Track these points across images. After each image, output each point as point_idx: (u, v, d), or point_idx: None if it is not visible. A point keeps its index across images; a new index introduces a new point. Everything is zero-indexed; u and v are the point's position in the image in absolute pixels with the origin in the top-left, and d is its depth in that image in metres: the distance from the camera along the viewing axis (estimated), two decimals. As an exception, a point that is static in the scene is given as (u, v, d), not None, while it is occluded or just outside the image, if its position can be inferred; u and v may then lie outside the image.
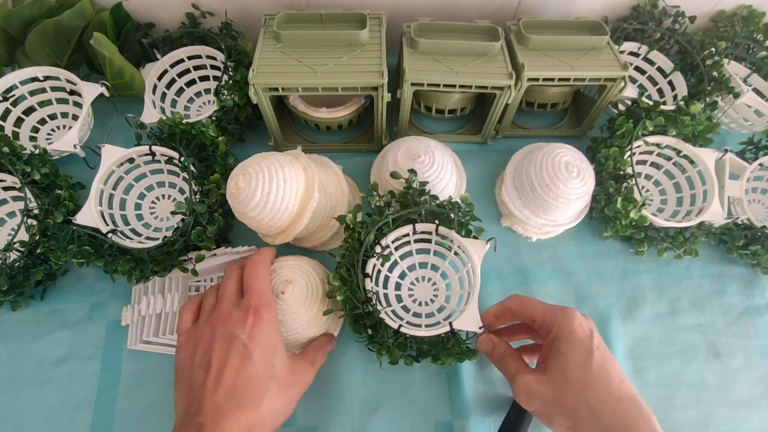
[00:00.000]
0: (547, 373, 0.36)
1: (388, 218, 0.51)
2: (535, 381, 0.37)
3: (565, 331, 0.36)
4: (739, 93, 0.62)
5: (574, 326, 0.36)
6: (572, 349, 0.35)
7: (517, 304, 0.41)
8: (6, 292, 0.53)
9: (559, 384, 0.35)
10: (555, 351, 0.36)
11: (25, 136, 0.66)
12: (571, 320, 0.36)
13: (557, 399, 0.35)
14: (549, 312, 0.38)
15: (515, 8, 0.70)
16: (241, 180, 0.48)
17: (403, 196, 0.53)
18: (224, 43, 0.65)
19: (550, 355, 0.37)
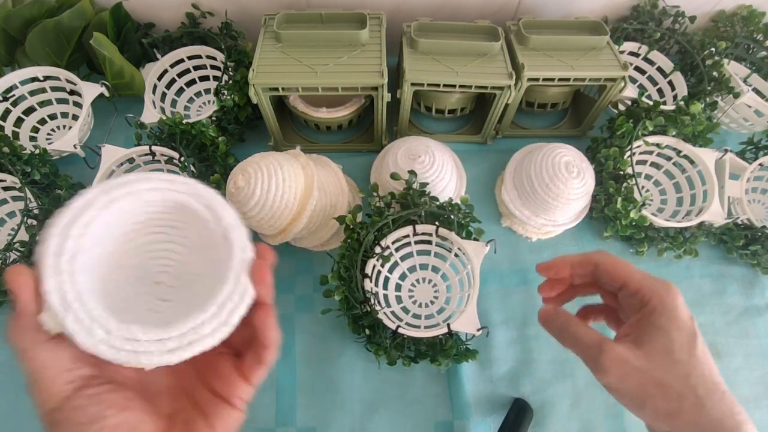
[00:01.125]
0: (644, 348, 0.31)
1: (388, 219, 0.51)
2: (631, 354, 0.31)
3: (668, 306, 0.31)
4: (739, 93, 0.62)
5: (678, 303, 0.31)
6: (677, 327, 0.30)
7: (609, 263, 0.34)
8: (6, 293, 0.53)
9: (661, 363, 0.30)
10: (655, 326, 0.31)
11: (25, 136, 0.66)
12: (675, 296, 0.32)
13: (659, 379, 0.30)
14: (648, 280, 0.32)
15: (515, 8, 0.70)
16: (240, 179, 0.48)
17: (403, 197, 0.53)
18: (224, 43, 0.65)
19: (647, 330, 0.31)
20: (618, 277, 0.34)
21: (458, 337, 0.51)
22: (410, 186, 0.54)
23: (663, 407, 0.30)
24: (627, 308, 0.34)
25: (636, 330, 0.32)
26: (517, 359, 0.55)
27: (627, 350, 0.31)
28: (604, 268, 0.35)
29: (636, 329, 0.32)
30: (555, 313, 0.36)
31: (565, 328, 0.35)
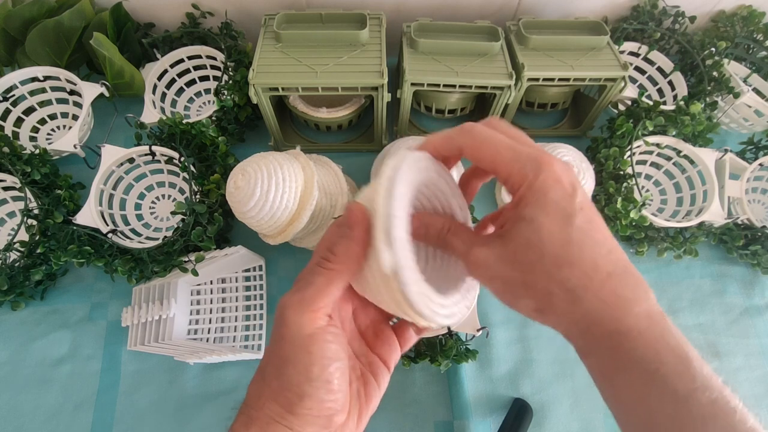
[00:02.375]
0: (509, 247, 0.26)
1: None
2: (492, 256, 0.26)
3: (535, 191, 0.25)
4: (739, 93, 0.62)
5: (549, 183, 0.25)
6: (545, 214, 0.24)
7: (473, 146, 0.27)
8: (6, 292, 0.53)
9: (526, 261, 0.25)
10: (520, 218, 0.25)
11: (25, 136, 0.66)
12: (544, 174, 0.25)
13: (523, 280, 0.25)
14: (516, 162, 0.25)
15: (515, 8, 0.70)
16: (240, 179, 0.48)
17: None
18: (224, 43, 0.65)
19: (513, 224, 0.26)
20: (486, 163, 0.27)
21: (458, 338, 0.51)
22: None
23: (533, 305, 0.26)
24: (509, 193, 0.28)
25: (506, 224, 0.27)
26: (517, 359, 0.55)
27: (488, 252, 0.26)
28: (470, 154, 0.27)
29: (506, 223, 0.27)
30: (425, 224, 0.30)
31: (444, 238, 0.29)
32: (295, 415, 0.24)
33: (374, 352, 0.29)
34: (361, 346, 0.30)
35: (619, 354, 0.25)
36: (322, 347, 0.25)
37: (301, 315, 0.25)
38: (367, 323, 0.30)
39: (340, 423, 0.26)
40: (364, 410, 0.28)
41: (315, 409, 0.24)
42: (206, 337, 0.55)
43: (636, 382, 0.24)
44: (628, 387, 0.25)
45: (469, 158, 0.27)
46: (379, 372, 0.29)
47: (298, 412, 0.24)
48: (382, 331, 0.30)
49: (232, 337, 0.55)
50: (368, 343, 0.30)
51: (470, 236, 0.28)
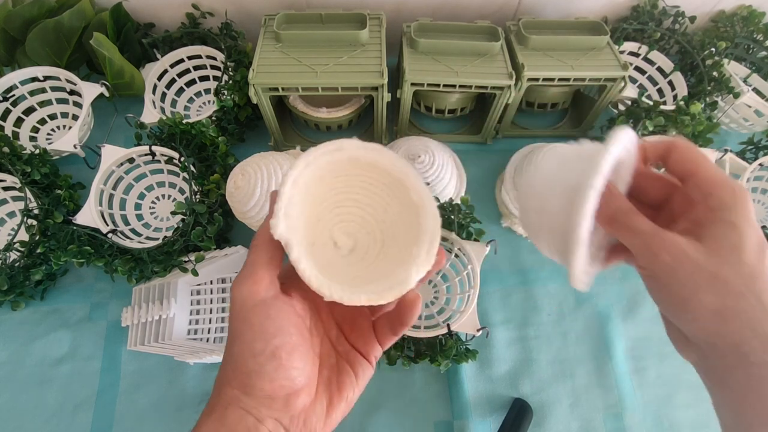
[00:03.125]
0: (708, 242, 0.26)
1: None
2: (687, 244, 0.26)
3: (741, 203, 0.26)
4: (739, 93, 0.62)
5: (751, 206, 0.27)
6: (749, 227, 0.26)
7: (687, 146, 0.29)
8: (6, 292, 0.53)
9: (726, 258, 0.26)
10: (724, 221, 0.26)
11: (25, 136, 0.66)
12: (748, 197, 0.27)
13: (718, 273, 0.25)
14: (722, 174, 0.28)
15: (515, 8, 0.70)
16: (240, 179, 0.48)
17: None
18: (224, 43, 0.65)
19: (714, 224, 0.27)
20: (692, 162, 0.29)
21: (458, 338, 0.51)
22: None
23: (714, 304, 0.25)
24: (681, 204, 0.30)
25: (698, 225, 0.27)
26: (517, 359, 0.55)
27: (685, 240, 0.26)
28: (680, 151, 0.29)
29: (698, 225, 0.27)
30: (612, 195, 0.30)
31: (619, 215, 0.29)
32: (249, 396, 0.24)
33: (350, 342, 0.30)
34: (338, 335, 0.30)
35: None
36: (264, 321, 0.25)
37: (242, 289, 0.25)
38: (345, 314, 0.30)
39: (303, 407, 0.25)
40: (335, 399, 0.28)
41: (267, 389, 0.24)
42: (206, 337, 0.55)
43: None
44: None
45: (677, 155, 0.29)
46: (357, 363, 0.29)
47: (251, 392, 0.24)
48: (359, 324, 0.30)
49: (232, 337, 0.55)
50: (344, 334, 0.30)
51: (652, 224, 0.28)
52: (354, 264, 0.29)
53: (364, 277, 0.28)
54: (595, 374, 0.55)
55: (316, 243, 0.29)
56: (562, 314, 0.58)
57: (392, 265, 0.28)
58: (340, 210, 0.30)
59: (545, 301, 0.58)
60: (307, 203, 0.27)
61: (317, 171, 0.27)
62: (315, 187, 0.28)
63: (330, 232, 0.30)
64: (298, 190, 0.26)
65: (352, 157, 0.28)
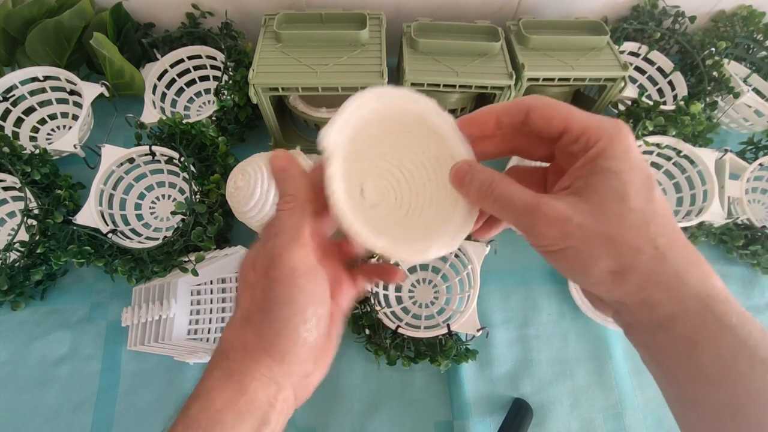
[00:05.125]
0: (592, 199, 0.24)
1: None
2: (571, 208, 0.24)
3: (620, 145, 0.24)
4: (739, 93, 0.62)
5: (631, 142, 0.25)
6: (631, 169, 0.24)
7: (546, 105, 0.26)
8: (6, 292, 0.53)
9: (613, 213, 0.24)
10: (604, 169, 0.24)
11: (25, 136, 0.66)
12: (627, 134, 0.25)
13: (609, 234, 0.23)
14: (594, 119, 0.25)
15: (515, 8, 0.70)
16: (240, 179, 0.48)
17: None
18: (224, 43, 0.65)
19: (594, 176, 0.24)
20: (558, 119, 0.26)
21: (458, 338, 0.51)
22: None
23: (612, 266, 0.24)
24: (566, 159, 0.27)
25: (580, 179, 0.25)
26: (517, 359, 0.55)
27: (567, 205, 0.24)
28: (539, 113, 0.27)
29: (579, 178, 0.25)
30: (473, 169, 0.27)
31: (488, 186, 0.26)
32: (282, 363, 0.24)
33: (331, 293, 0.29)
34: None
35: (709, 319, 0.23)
36: (315, 287, 0.24)
37: (294, 254, 0.24)
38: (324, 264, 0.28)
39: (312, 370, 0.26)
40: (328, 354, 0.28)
41: (303, 354, 0.24)
42: (206, 337, 0.55)
43: (724, 351, 0.22)
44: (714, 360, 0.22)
45: (537, 118, 0.26)
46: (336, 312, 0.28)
47: (288, 359, 0.24)
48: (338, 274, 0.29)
49: (232, 337, 0.55)
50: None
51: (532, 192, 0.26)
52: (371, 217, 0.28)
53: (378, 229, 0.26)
54: (595, 374, 0.55)
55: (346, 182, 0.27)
56: (562, 314, 0.58)
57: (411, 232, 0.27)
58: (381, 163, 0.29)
59: (545, 301, 0.58)
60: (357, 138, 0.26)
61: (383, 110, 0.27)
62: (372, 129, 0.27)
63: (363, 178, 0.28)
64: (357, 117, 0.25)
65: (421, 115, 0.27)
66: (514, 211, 0.25)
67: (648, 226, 0.23)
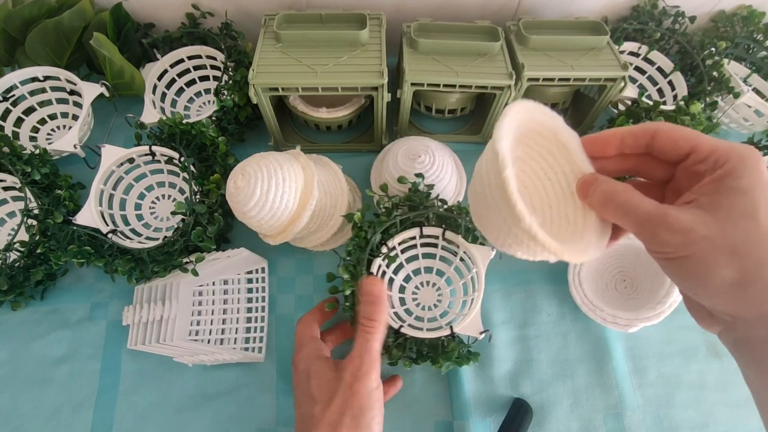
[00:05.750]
0: (718, 214, 0.25)
1: (396, 219, 0.51)
2: (697, 219, 0.25)
3: (750, 165, 0.25)
4: (739, 93, 0.62)
5: (762, 165, 0.25)
6: (762, 189, 0.24)
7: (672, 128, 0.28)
8: (6, 292, 0.53)
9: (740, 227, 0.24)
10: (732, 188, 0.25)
11: (25, 136, 0.66)
12: (757, 157, 0.25)
13: (734, 245, 0.24)
14: (722, 142, 0.26)
15: (515, 8, 0.70)
16: (240, 179, 0.48)
17: (409, 198, 0.54)
18: (224, 43, 0.65)
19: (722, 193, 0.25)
20: (685, 140, 0.27)
21: (460, 340, 0.51)
22: (416, 188, 0.53)
23: (733, 276, 0.24)
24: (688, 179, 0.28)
25: (705, 196, 0.26)
26: (517, 359, 0.55)
27: (693, 217, 0.25)
28: (667, 135, 0.28)
29: (705, 195, 0.26)
30: (597, 180, 0.29)
31: (612, 196, 0.28)
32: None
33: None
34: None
35: None
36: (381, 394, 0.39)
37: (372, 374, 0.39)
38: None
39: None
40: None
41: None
42: (207, 339, 0.55)
43: None
44: None
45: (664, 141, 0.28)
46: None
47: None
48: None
49: (233, 338, 0.55)
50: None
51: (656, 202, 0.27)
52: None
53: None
54: (595, 374, 0.55)
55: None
56: (562, 314, 0.58)
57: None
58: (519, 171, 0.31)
59: (545, 302, 0.58)
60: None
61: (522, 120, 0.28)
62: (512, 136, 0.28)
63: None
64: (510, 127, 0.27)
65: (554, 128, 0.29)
66: (638, 220, 0.27)
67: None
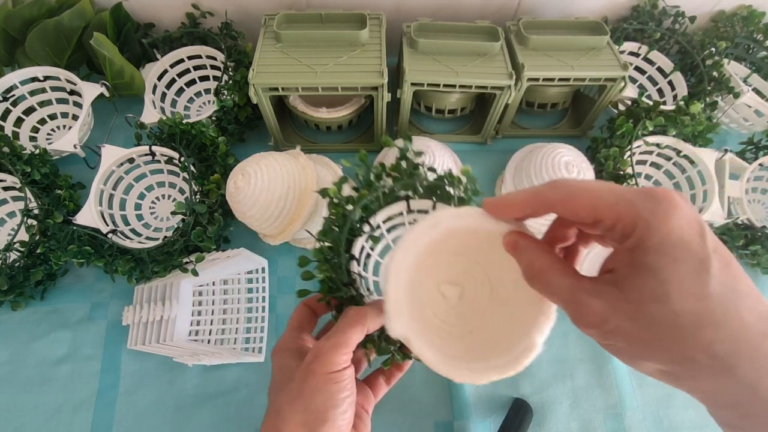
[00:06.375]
0: (630, 300, 0.21)
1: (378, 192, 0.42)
2: (609, 310, 0.21)
3: (657, 233, 0.20)
4: (739, 93, 0.62)
5: (672, 221, 0.20)
6: (673, 262, 0.20)
7: (565, 198, 0.23)
8: (6, 292, 0.53)
9: (654, 320, 0.20)
10: (641, 267, 0.21)
11: (25, 136, 0.66)
12: (666, 212, 0.20)
13: (648, 341, 0.21)
14: (625, 203, 0.21)
15: (515, 8, 0.70)
16: (240, 179, 0.48)
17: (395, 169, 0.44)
18: (224, 43, 0.65)
19: (632, 271, 0.21)
20: (585, 211, 0.23)
21: None
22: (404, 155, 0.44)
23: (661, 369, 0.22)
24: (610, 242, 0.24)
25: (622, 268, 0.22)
26: (517, 359, 0.55)
27: (606, 304, 0.22)
28: (563, 207, 0.24)
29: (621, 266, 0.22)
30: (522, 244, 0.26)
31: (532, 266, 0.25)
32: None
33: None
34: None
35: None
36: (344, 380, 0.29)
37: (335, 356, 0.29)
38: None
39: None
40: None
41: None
42: (207, 339, 0.55)
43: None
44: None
45: (562, 213, 0.24)
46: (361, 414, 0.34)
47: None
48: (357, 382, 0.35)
49: (233, 339, 0.55)
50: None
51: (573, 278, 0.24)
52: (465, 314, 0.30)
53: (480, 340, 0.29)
54: (595, 374, 0.55)
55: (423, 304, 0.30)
56: (562, 314, 0.57)
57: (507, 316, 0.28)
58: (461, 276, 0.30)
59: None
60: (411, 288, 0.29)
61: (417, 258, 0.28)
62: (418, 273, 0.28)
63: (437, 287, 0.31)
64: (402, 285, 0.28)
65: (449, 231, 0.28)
66: (557, 300, 0.25)
67: (701, 332, 0.20)
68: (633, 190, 0.22)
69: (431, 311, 0.30)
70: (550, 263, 0.25)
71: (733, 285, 0.20)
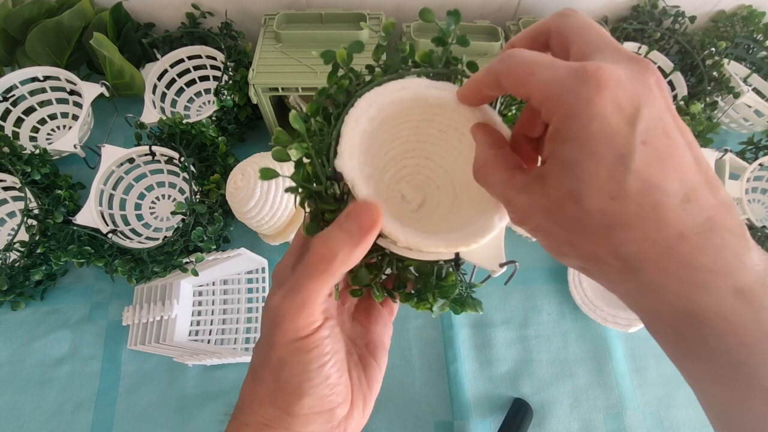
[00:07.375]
0: (550, 196, 0.19)
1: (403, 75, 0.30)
2: (533, 206, 0.20)
3: (576, 120, 0.18)
4: (739, 93, 0.62)
5: (594, 109, 0.17)
6: (589, 155, 0.18)
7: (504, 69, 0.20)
8: (6, 292, 0.53)
9: (569, 216, 0.19)
10: (560, 160, 0.19)
11: (25, 136, 0.66)
12: (590, 95, 0.17)
13: (567, 238, 0.20)
14: (555, 83, 0.18)
15: (515, 8, 0.70)
16: (240, 179, 0.48)
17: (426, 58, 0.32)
18: (224, 43, 0.65)
19: (554, 165, 0.19)
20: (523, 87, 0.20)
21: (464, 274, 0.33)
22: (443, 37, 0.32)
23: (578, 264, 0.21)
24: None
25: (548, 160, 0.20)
26: (517, 359, 0.55)
27: (530, 200, 0.20)
28: (506, 81, 0.21)
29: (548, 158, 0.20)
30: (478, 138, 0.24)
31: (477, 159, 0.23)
32: (294, 415, 0.23)
33: (369, 330, 0.28)
34: (354, 328, 0.28)
35: (689, 340, 0.18)
36: (319, 346, 0.23)
37: (297, 321, 0.22)
38: (357, 303, 0.28)
39: (344, 415, 0.25)
40: (368, 396, 0.27)
41: (316, 407, 0.23)
42: (207, 339, 0.55)
43: (713, 374, 0.19)
44: (705, 378, 0.19)
45: (507, 90, 0.21)
46: (378, 351, 0.28)
47: (298, 412, 0.23)
48: (374, 308, 0.28)
49: (233, 339, 0.55)
50: (362, 323, 0.28)
51: (508, 172, 0.21)
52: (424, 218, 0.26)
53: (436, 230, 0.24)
54: (595, 374, 0.55)
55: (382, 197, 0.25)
56: (562, 314, 0.58)
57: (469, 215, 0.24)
58: (406, 162, 0.26)
59: (545, 301, 0.58)
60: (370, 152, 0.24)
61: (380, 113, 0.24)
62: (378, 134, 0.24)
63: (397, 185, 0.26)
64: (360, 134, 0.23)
65: (417, 97, 0.24)
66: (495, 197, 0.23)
67: (611, 231, 0.18)
68: (571, 65, 0.19)
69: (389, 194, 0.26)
70: (493, 156, 0.22)
71: (658, 181, 0.17)
